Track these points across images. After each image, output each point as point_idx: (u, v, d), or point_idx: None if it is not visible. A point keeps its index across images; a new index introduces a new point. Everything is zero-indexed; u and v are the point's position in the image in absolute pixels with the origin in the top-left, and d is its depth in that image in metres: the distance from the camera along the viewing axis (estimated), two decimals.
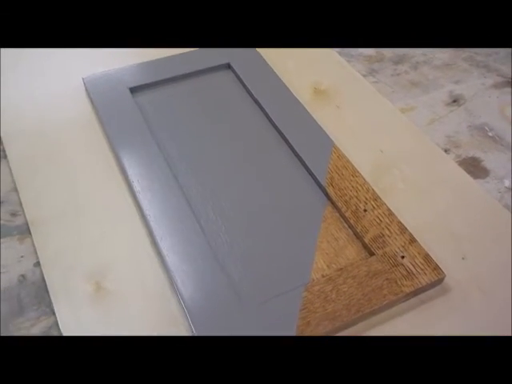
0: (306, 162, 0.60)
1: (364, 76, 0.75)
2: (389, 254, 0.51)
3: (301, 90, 0.71)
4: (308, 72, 0.74)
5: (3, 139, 0.63)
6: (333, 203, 0.57)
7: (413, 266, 0.50)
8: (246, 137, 0.64)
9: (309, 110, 0.67)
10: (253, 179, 0.59)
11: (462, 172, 0.61)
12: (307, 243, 0.53)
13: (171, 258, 0.51)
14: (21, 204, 0.56)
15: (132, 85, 0.68)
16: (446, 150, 0.65)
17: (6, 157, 0.62)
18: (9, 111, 0.66)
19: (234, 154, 0.62)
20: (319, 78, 0.73)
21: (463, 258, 0.53)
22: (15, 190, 0.58)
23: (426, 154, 0.63)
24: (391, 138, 0.65)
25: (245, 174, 0.60)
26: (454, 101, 0.72)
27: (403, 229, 0.53)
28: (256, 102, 0.68)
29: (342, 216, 0.55)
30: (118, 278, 0.51)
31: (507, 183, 0.61)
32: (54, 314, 0.48)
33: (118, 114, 0.64)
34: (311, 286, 0.49)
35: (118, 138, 0.62)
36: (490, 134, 0.67)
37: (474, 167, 0.63)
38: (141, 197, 0.56)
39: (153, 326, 0.48)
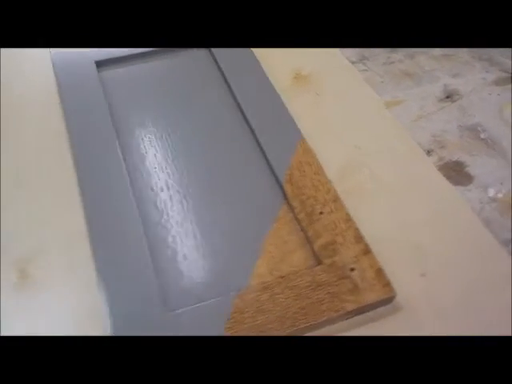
0: (267, 155, 0.55)
1: (353, 63, 0.69)
2: (337, 264, 0.46)
3: (281, 74, 0.65)
4: (292, 55, 0.68)
5: None
6: (288, 202, 0.52)
7: (361, 280, 0.45)
8: (209, 122, 0.59)
9: (285, 97, 0.61)
10: (208, 169, 0.55)
11: (441, 177, 0.55)
12: (253, 244, 0.49)
13: (102, 251, 0.47)
14: None
15: (99, 58, 0.64)
16: (428, 151, 0.59)
17: None
18: None
19: (192, 139, 0.58)
20: (303, 63, 0.67)
21: (423, 275, 0.48)
22: None
23: (404, 154, 0.57)
24: (369, 134, 0.59)
25: (200, 161, 0.55)
26: (448, 96, 0.65)
27: (359, 237, 0.48)
28: (228, 85, 0.63)
29: (296, 217, 0.51)
30: (46, 266, 0.48)
31: (491, 193, 0.55)
32: None
33: (78, 90, 0.61)
34: (245, 294, 0.45)
35: (74, 115, 0.58)
36: (483, 135, 0.61)
37: (456, 172, 0.57)
38: (84, 181, 0.52)
39: (73, 320, 0.44)
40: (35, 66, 0.66)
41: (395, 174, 0.55)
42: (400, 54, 0.70)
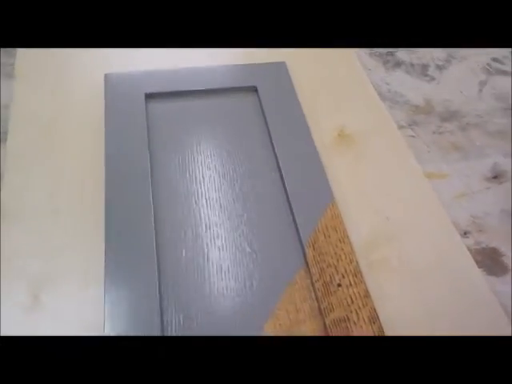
0: (295, 214, 0.54)
1: (401, 127, 0.67)
2: None
3: (324, 130, 0.64)
4: (339, 111, 0.67)
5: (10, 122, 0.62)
6: (308, 267, 0.50)
7: None
8: (243, 173, 0.59)
9: (324, 154, 0.61)
10: (231, 221, 0.54)
11: (472, 263, 0.53)
12: (263, 306, 0.48)
13: (112, 293, 0.47)
14: None
15: (149, 90, 0.66)
16: (465, 233, 0.56)
17: (6, 140, 0.61)
18: (23, 94, 0.66)
19: (222, 187, 0.57)
20: (348, 120, 0.66)
21: None
22: None
23: (437, 232, 0.55)
24: (403, 205, 0.57)
25: (225, 213, 0.55)
26: (495, 177, 0.62)
27: (374, 318, 0.46)
28: (269, 136, 0.62)
29: (312, 285, 0.49)
30: (58, 295, 0.48)
31: None
32: None
33: (123, 119, 0.62)
34: None
35: (113, 145, 0.59)
36: None
37: (491, 260, 0.54)
38: (110, 213, 0.53)
39: None
40: (87, 89, 0.67)
41: (424, 253, 0.53)
42: (453, 124, 0.68)
